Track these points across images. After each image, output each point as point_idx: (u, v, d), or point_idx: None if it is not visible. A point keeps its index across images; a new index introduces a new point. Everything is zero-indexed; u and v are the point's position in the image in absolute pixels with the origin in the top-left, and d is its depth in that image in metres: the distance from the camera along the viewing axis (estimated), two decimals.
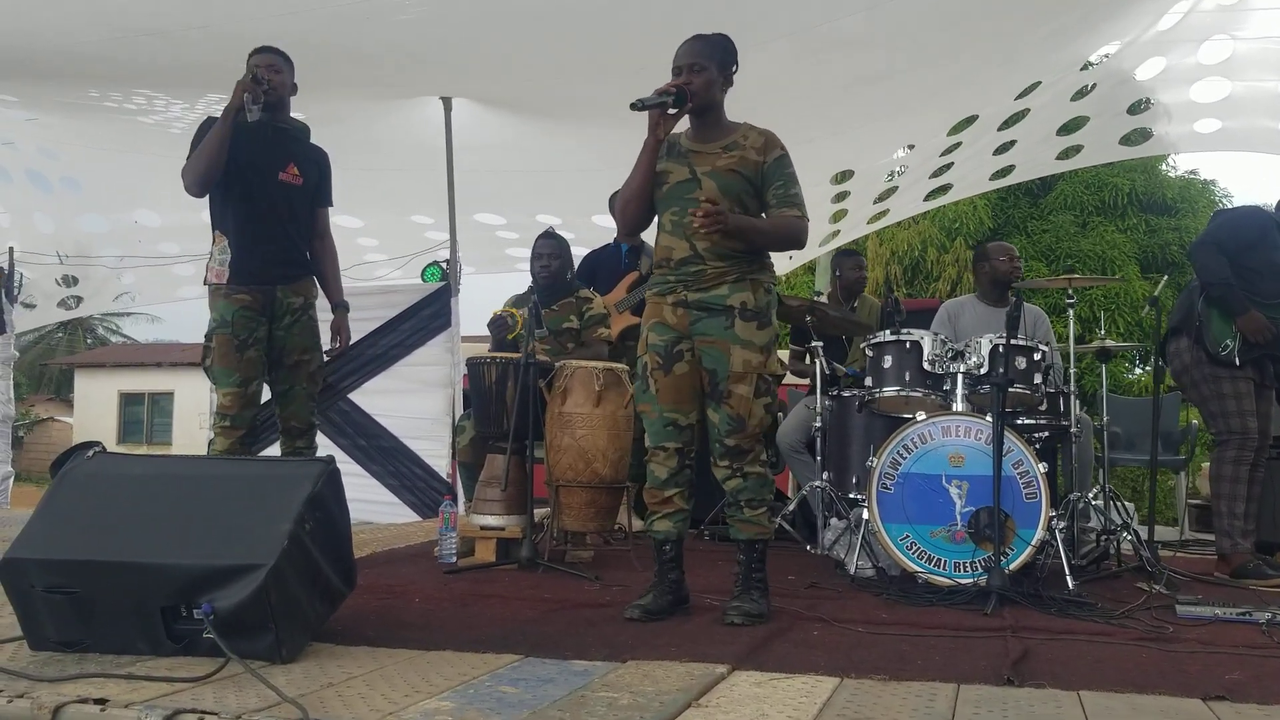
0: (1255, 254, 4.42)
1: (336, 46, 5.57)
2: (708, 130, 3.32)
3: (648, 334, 3.33)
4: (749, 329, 3.23)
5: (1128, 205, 16.63)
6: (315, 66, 4.24)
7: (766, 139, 3.31)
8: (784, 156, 3.31)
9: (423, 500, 6.63)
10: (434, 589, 3.69)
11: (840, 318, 5.26)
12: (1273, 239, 4.48)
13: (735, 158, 3.27)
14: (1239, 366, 4.40)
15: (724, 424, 3.23)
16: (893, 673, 2.53)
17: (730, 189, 3.24)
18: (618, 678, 2.44)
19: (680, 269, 3.27)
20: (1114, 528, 4.47)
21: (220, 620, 2.48)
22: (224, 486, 2.81)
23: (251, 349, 3.93)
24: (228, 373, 3.90)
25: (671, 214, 3.28)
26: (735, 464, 3.25)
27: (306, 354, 4.13)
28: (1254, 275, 4.40)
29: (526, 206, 8.94)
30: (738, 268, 3.25)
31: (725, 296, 3.24)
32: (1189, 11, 7.66)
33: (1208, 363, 4.46)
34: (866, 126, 8.07)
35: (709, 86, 3.25)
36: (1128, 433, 6.31)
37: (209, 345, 3.94)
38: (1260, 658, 2.81)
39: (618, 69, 5.91)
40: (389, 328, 6.91)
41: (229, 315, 3.90)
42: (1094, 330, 13.33)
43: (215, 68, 4.11)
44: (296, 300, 4.08)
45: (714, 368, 3.23)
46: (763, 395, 3.25)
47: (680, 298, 3.27)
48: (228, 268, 3.92)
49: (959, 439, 3.91)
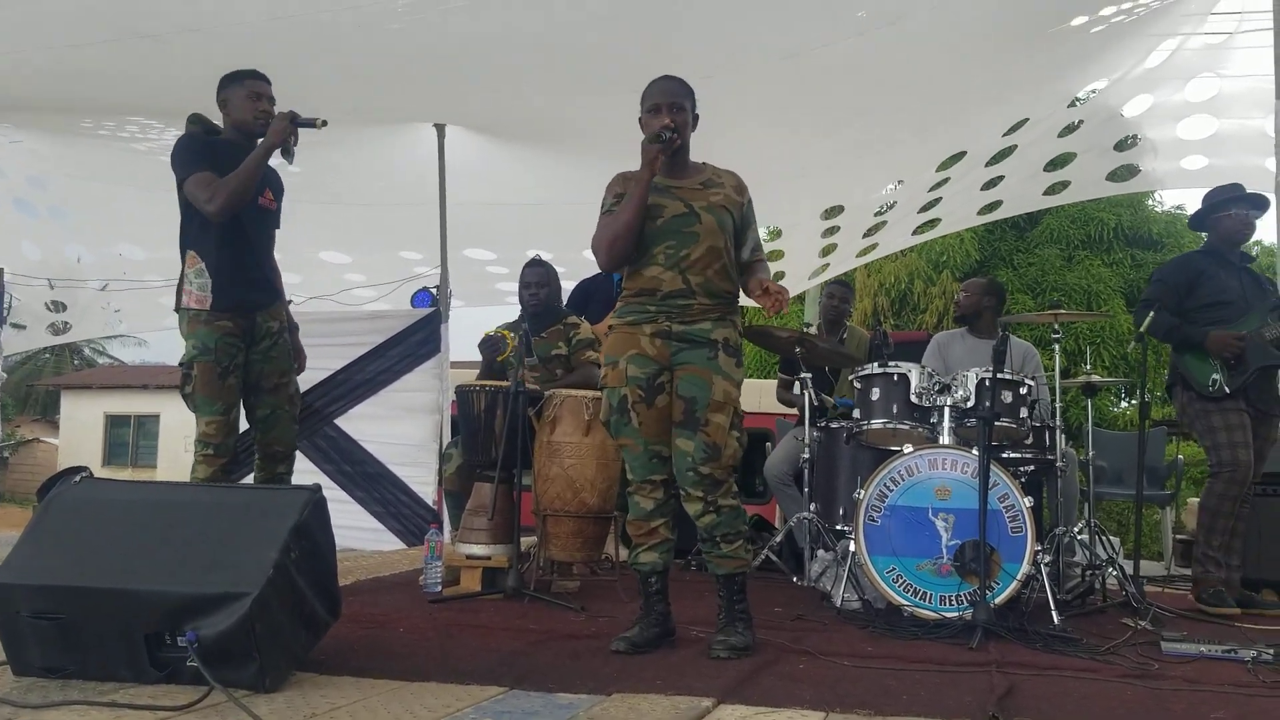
0: (1198, 294, 4.65)
1: (327, 71, 5.60)
2: (680, 168, 3.38)
3: (626, 366, 3.31)
4: (730, 363, 3.28)
5: (1113, 240, 16.76)
6: (304, 91, 4.23)
7: (738, 180, 3.44)
8: (751, 200, 3.45)
9: (408, 528, 6.59)
10: (419, 618, 3.68)
11: (829, 349, 5.29)
12: (1209, 274, 4.67)
13: (721, 195, 3.34)
14: (1230, 396, 4.51)
15: (699, 452, 3.23)
16: (878, 707, 2.53)
17: (724, 225, 3.30)
18: (603, 711, 2.43)
19: (666, 301, 3.28)
20: (1099, 563, 4.48)
21: (204, 648, 2.48)
22: (210, 514, 2.80)
23: (232, 376, 3.88)
24: (210, 401, 3.84)
25: (666, 247, 3.28)
26: (709, 495, 3.24)
27: (285, 377, 4.10)
28: (1207, 311, 4.60)
29: (517, 241, 8.95)
30: (721, 307, 3.31)
31: (709, 331, 3.27)
32: (1176, 49, 7.77)
33: (1198, 400, 4.61)
34: (857, 161, 8.13)
35: (686, 125, 3.34)
36: (1113, 467, 6.33)
37: (190, 373, 3.85)
38: (1245, 696, 2.81)
39: (615, 99, 5.96)
40: (377, 353, 6.89)
41: (212, 343, 3.83)
42: (1080, 364, 13.40)
43: (210, 85, 4.10)
44: (274, 324, 4.05)
45: (694, 395, 3.24)
46: (735, 429, 3.28)
47: (662, 328, 3.28)
48: (210, 293, 3.85)
49: (945, 472, 3.93)
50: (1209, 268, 4.71)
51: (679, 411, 3.27)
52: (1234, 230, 4.74)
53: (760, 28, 5.76)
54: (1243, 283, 4.67)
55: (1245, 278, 4.71)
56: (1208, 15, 7.47)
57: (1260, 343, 4.50)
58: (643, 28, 5.58)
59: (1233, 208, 4.74)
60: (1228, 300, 4.60)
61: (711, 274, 3.27)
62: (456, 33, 5.46)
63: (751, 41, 5.82)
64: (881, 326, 5.20)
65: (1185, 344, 4.61)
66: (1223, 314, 4.59)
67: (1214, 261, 4.73)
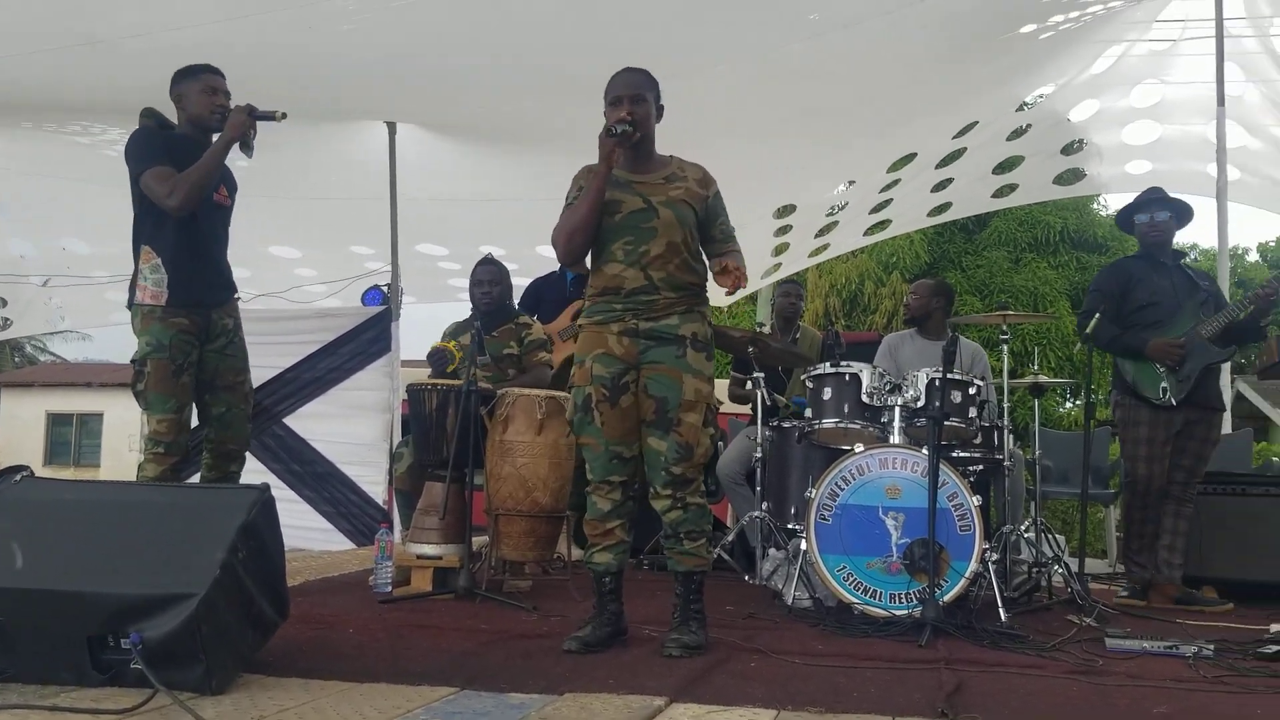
0: (1132, 298, 4.75)
1: (278, 66, 5.53)
2: (643, 162, 3.36)
3: (592, 365, 3.30)
4: (699, 359, 3.27)
5: (1059, 243, 17.05)
6: (255, 86, 4.18)
7: (704, 173, 3.40)
8: (719, 192, 3.42)
9: (358, 528, 6.53)
10: (369, 619, 3.64)
11: (781, 349, 5.32)
12: (1139, 277, 4.79)
13: (682, 189, 3.31)
14: (1157, 411, 4.63)
15: (672, 452, 3.23)
16: (829, 705, 2.55)
17: (685, 220, 3.28)
18: (555, 711, 2.42)
19: (631, 298, 3.27)
20: (1045, 560, 4.54)
21: (149, 650, 2.43)
22: (155, 514, 2.75)
23: (185, 374, 3.84)
24: (163, 399, 3.79)
25: (625, 243, 3.27)
26: (678, 494, 3.25)
27: (240, 375, 4.06)
28: (1141, 313, 4.71)
29: (470, 237, 8.91)
30: (687, 300, 3.30)
31: (676, 326, 3.26)
32: (1121, 56, 7.91)
33: (1132, 408, 4.72)
34: (810, 161, 8.19)
35: (648, 118, 3.31)
36: (1059, 466, 6.42)
37: (143, 370, 3.81)
38: (1186, 691, 2.87)
39: (564, 95, 5.94)
40: (327, 351, 6.81)
41: (166, 339, 3.79)
42: (1027, 365, 13.60)
43: (155, 88, 4.04)
44: (229, 321, 4.02)
45: (664, 395, 3.23)
46: (709, 425, 3.30)
47: (629, 326, 3.27)
48: (165, 288, 3.81)
49: (896, 471, 3.96)
50: (1140, 271, 4.82)
51: (650, 411, 3.27)
52: (1146, 235, 4.87)
53: (714, 30, 5.78)
54: (1174, 282, 4.77)
55: (1177, 277, 4.80)
56: (1152, 23, 7.62)
57: (1199, 341, 4.60)
58: (597, 29, 5.58)
59: (1137, 214, 4.89)
60: (1158, 301, 4.70)
61: (673, 268, 3.26)
62: (407, 31, 5.42)
63: (706, 44, 5.84)
64: (834, 327, 5.24)
65: (1128, 353, 4.69)
66: (1156, 315, 4.69)
67: (1146, 264, 4.84)
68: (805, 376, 4.64)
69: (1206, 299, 4.71)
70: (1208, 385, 4.68)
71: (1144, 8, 7.37)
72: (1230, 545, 4.91)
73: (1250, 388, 18.73)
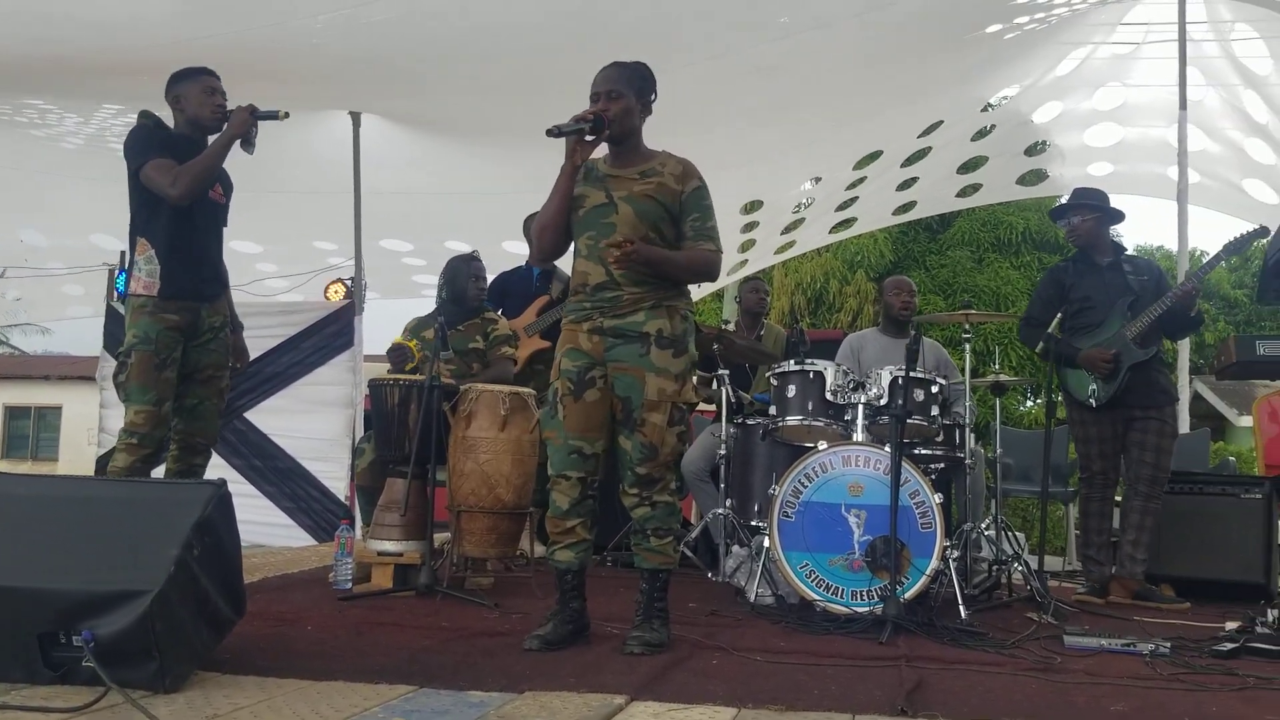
0: (1068, 301, 4.82)
1: (241, 55, 5.46)
2: (626, 156, 3.33)
3: (561, 360, 3.30)
4: (664, 356, 3.23)
5: (1021, 243, 17.19)
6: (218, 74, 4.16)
7: (685, 168, 3.34)
8: (702, 188, 3.33)
9: (319, 524, 6.48)
10: (328, 616, 3.61)
11: (746, 346, 5.32)
12: (1074, 280, 4.87)
13: (653, 184, 3.28)
14: (1096, 410, 4.72)
15: (636, 452, 3.21)
16: (789, 703, 2.55)
17: (647, 215, 3.24)
18: (514, 709, 2.41)
19: (596, 295, 3.25)
20: (1005, 558, 4.58)
21: (101, 648, 2.39)
22: (109, 509, 2.70)
23: (169, 369, 3.89)
24: (144, 390, 3.83)
25: (587, 238, 3.26)
26: (645, 492, 3.23)
27: (219, 370, 4.11)
28: (1075, 318, 4.79)
29: (435, 231, 8.86)
30: (654, 294, 3.25)
31: (641, 323, 3.23)
32: (1086, 59, 7.99)
33: (1075, 409, 4.83)
34: (777, 157, 8.22)
35: (626, 114, 3.27)
36: (1019, 464, 6.48)
37: (127, 361, 3.86)
38: (1144, 689, 2.89)
39: (534, 90, 5.92)
40: (289, 345, 6.76)
41: (153, 333, 3.84)
42: (988, 364, 13.70)
43: (110, 75, 4.01)
44: (217, 319, 4.08)
45: (628, 395, 3.22)
46: (676, 424, 3.25)
47: (596, 324, 3.25)
48: (158, 279, 3.86)
49: (858, 469, 3.97)
50: (1073, 275, 4.90)
51: (618, 410, 3.25)
52: (1069, 239, 4.98)
53: (685, 31, 5.78)
54: (1107, 283, 4.82)
55: (1111, 276, 4.84)
56: (1117, 26, 7.70)
57: (1125, 344, 4.68)
58: (569, 28, 5.56)
59: (1058, 219, 5.03)
60: (1091, 305, 4.79)
61: (634, 265, 3.24)
62: (372, 28, 5.38)
63: (677, 42, 5.83)
64: (799, 324, 5.25)
65: (1060, 360, 4.76)
66: (1089, 319, 4.78)
67: (1081, 267, 4.91)
68: (770, 373, 4.64)
69: (1138, 298, 4.75)
70: (1140, 384, 4.71)
71: (1108, 11, 7.46)
72: (1187, 544, 4.97)
73: (1208, 388, 18.99)
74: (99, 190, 6.77)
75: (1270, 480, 5.13)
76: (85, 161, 7.38)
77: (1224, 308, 22.27)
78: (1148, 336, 4.67)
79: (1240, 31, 7.39)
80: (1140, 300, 4.73)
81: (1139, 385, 4.69)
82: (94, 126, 6.95)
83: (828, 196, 9.62)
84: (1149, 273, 4.90)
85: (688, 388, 3.30)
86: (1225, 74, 7.73)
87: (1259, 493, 5.00)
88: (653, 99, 3.37)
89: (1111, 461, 4.80)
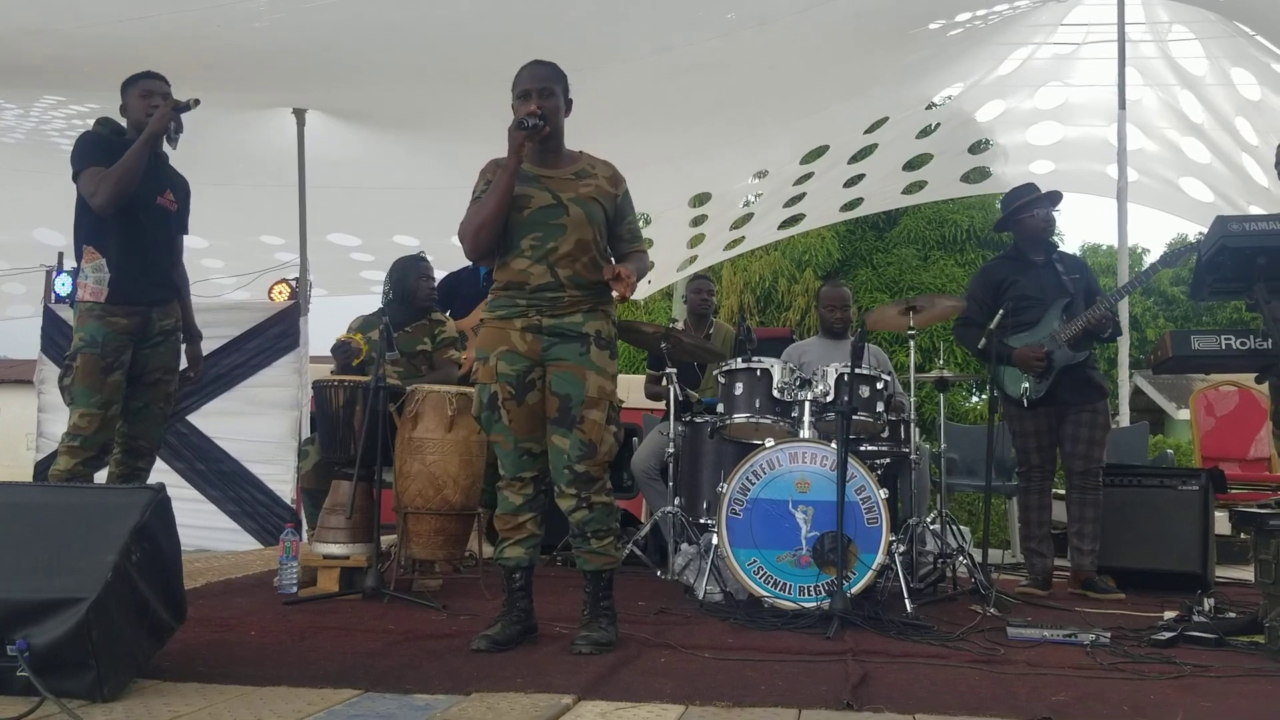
0: (1001, 301, 4.83)
1: (183, 52, 5.38)
2: (552, 156, 3.33)
3: (496, 362, 3.26)
4: (603, 357, 3.25)
5: (966, 241, 17.43)
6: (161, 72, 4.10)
7: (614, 171, 3.38)
8: (628, 191, 3.41)
9: (264, 527, 6.39)
10: (271, 621, 3.56)
11: (694, 345, 5.33)
12: (1009, 280, 4.93)
13: (593, 186, 3.29)
14: (1027, 406, 4.82)
15: (575, 449, 3.20)
16: (736, 699, 2.56)
17: (594, 217, 3.25)
18: (460, 712, 2.39)
19: (536, 294, 3.23)
20: (950, 552, 4.63)
21: (36, 657, 2.34)
22: (45, 515, 2.65)
23: (116, 372, 3.90)
24: (89, 393, 3.84)
25: (533, 239, 3.23)
26: (583, 493, 3.22)
27: (167, 374, 4.13)
28: (1013, 314, 4.81)
29: (383, 227, 8.79)
30: (592, 298, 3.27)
31: (581, 324, 3.23)
32: (1027, 59, 8.11)
33: (1011, 405, 4.92)
34: (723, 149, 8.25)
35: (556, 112, 3.28)
36: (964, 459, 6.55)
37: (72, 364, 3.87)
38: (1084, 679, 2.94)
39: (475, 84, 5.88)
40: (233, 347, 6.65)
41: (100, 336, 3.86)
42: (933, 360, 13.86)
43: (52, 67, 3.94)
44: (168, 323, 4.10)
45: (567, 392, 3.21)
46: (613, 423, 3.28)
47: (533, 322, 3.23)
48: (106, 286, 3.89)
49: (805, 465, 4.00)
50: (1009, 273, 4.95)
51: (554, 408, 3.23)
52: (1037, 230, 4.98)
53: (631, 25, 5.79)
54: (1043, 281, 4.90)
55: (1046, 275, 4.92)
56: (1057, 26, 7.83)
57: (1058, 345, 4.77)
58: (514, 22, 5.53)
59: (1034, 208, 4.98)
60: (1028, 304, 4.85)
61: (580, 267, 3.23)
62: (317, 20, 5.32)
63: (623, 36, 5.83)
64: (746, 322, 5.28)
65: (999, 359, 4.81)
66: (1025, 317, 4.84)
67: (1015, 266, 4.98)
68: (718, 371, 4.66)
69: (1072, 299, 4.83)
70: (1073, 380, 4.80)
71: (1049, 11, 7.57)
72: (1127, 535, 5.06)
73: (1147, 382, 19.37)
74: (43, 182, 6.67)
75: (1206, 472, 5.24)
76: (27, 155, 7.26)
77: (1163, 304, 22.75)
78: (1079, 341, 4.76)
79: (1177, 33, 7.54)
80: (1074, 302, 4.80)
81: (1072, 382, 4.78)
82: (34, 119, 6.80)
83: (775, 191, 9.68)
84: (1080, 271, 4.99)
85: (616, 389, 3.37)
86: (1163, 74, 7.89)
87: (1195, 484, 5.11)
88: (570, 100, 3.38)
89: (1048, 455, 4.90)
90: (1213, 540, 5.13)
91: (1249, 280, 3.72)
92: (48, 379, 6.67)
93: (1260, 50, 6.99)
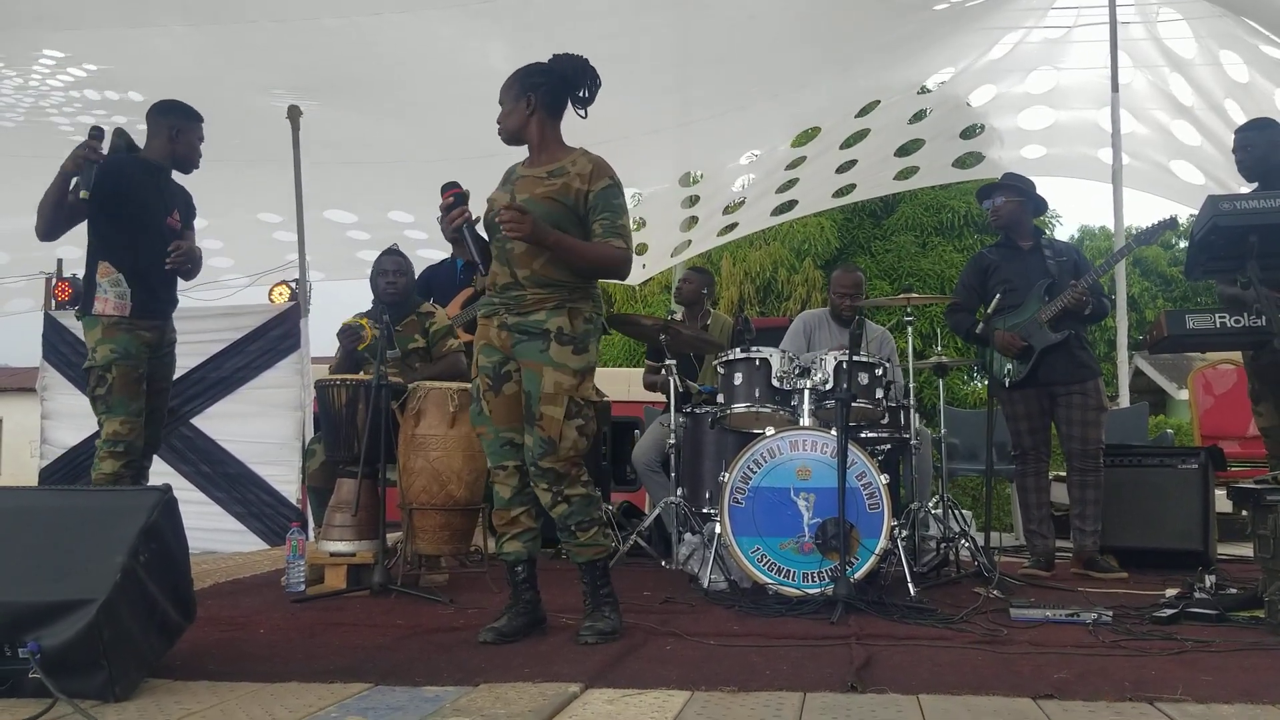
0: (988, 287, 4.98)
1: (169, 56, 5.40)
2: (536, 156, 3.37)
3: (478, 356, 3.35)
4: (564, 352, 3.22)
5: (964, 226, 17.42)
6: (146, 73, 4.13)
7: (595, 167, 3.29)
8: (612, 187, 3.29)
9: (270, 528, 6.41)
10: (280, 619, 3.59)
11: (693, 336, 5.35)
12: (994, 267, 5.04)
13: (557, 185, 3.25)
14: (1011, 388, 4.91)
15: (536, 446, 3.21)
16: (742, 684, 2.58)
17: (548, 216, 3.19)
18: (469, 702, 2.42)
19: (503, 294, 3.30)
20: (952, 535, 4.66)
21: (48, 659, 2.36)
22: (53, 518, 2.67)
23: (143, 381, 4.18)
24: (127, 402, 4.10)
25: (497, 240, 3.29)
26: (555, 488, 3.23)
27: (168, 382, 4.44)
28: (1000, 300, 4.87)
29: (379, 201, 8.77)
30: (558, 295, 3.25)
31: (543, 321, 3.24)
32: (1018, 43, 8.11)
33: (1001, 389, 4.98)
34: (711, 123, 8.21)
35: (507, 116, 3.36)
36: (965, 444, 6.58)
37: (105, 375, 4.08)
38: (1085, 657, 2.96)
39: (464, 56, 5.89)
40: (235, 349, 6.67)
41: (132, 349, 4.12)
42: (932, 346, 13.89)
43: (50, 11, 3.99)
44: (174, 335, 4.42)
45: (529, 389, 3.23)
46: (574, 418, 3.23)
47: (502, 320, 3.30)
48: (129, 300, 4.13)
49: (806, 453, 4.03)
50: (995, 259, 5.06)
51: (523, 405, 3.27)
52: (993, 219, 5.12)
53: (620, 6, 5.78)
54: (1026, 267, 4.96)
55: (1030, 260, 4.98)
56: (1048, 10, 7.83)
57: (1038, 327, 4.82)
58: None
59: (983, 200, 5.17)
60: (1012, 288, 4.93)
61: (538, 266, 3.22)
62: None
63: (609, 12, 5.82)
64: (744, 312, 5.30)
65: (980, 343, 4.91)
66: (1010, 300, 4.91)
67: (1001, 253, 5.07)
68: (716, 362, 4.68)
69: (1054, 281, 4.88)
70: (1060, 361, 4.85)
71: None
72: (1128, 515, 5.09)
73: (1147, 362, 19.38)
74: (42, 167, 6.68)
75: (1205, 450, 5.26)
76: (25, 140, 7.25)
77: (1161, 284, 22.72)
78: (1059, 321, 4.79)
79: (1166, 15, 7.55)
80: (1057, 284, 4.84)
81: (1059, 363, 4.82)
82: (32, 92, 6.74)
83: (767, 176, 9.68)
84: (1068, 254, 5.04)
85: (586, 385, 3.28)
86: (1152, 57, 7.89)
87: (1195, 463, 5.14)
88: (543, 91, 3.32)
89: (1041, 437, 4.94)
90: (1213, 518, 5.16)
91: (1241, 259, 3.74)
92: (50, 385, 6.70)
93: (1248, 32, 7.00)
